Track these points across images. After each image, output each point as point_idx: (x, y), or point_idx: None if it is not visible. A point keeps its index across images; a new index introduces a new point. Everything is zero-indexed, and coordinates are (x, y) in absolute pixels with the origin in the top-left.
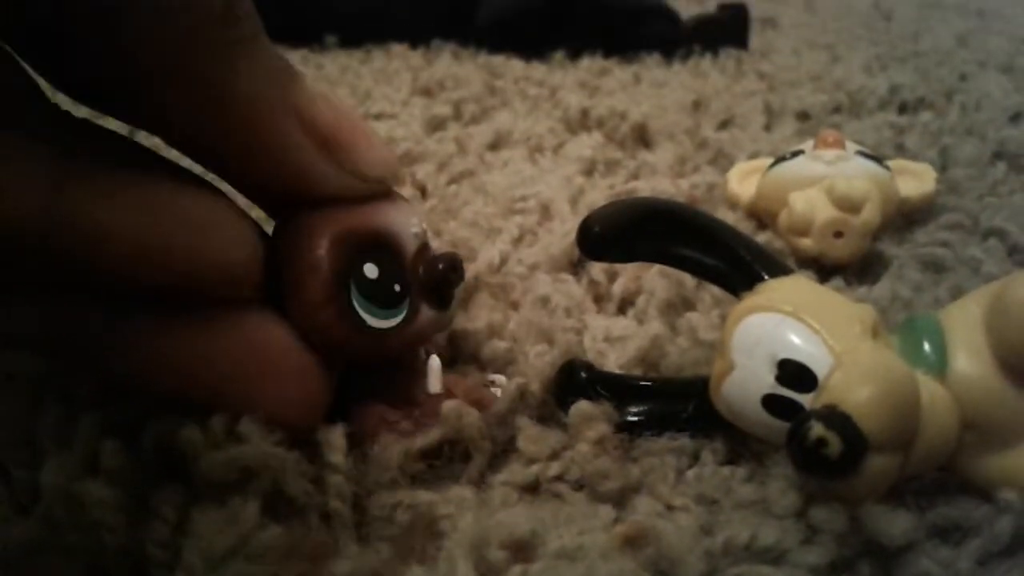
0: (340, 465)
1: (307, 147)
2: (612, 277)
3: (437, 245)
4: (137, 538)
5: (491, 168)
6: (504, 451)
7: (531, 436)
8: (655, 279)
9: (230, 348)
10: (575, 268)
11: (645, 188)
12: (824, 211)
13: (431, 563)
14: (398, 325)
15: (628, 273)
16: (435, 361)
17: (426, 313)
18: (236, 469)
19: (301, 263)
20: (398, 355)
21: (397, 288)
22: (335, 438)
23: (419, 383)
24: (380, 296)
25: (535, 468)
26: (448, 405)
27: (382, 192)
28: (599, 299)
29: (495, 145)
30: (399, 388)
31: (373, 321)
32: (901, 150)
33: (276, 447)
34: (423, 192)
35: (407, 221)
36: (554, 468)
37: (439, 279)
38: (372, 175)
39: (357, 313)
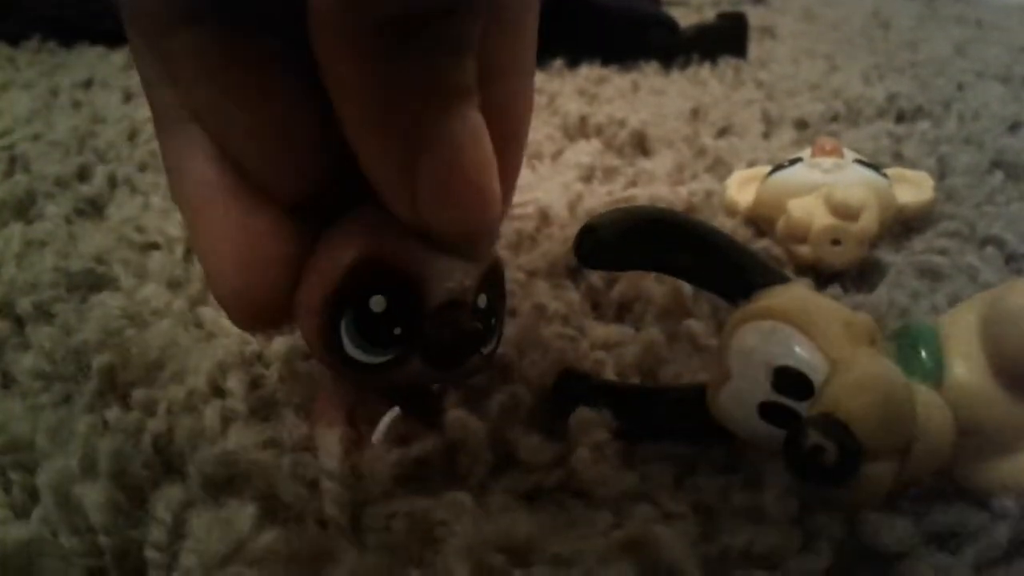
0: (335, 472)
1: (398, 175)
2: (610, 284)
3: None
4: (135, 541)
5: None
6: (504, 461)
7: (531, 445)
8: (653, 286)
9: (229, 225)
10: (573, 274)
11: (643, 195)
12: (822, 218)
13: (429, 568)
14: (379, 364)
15: (626, 280)
16: (392, 413)
17: (414, 366)
18: (228, 465)
19: (320, 262)
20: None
21: (397, 331)
22: (331, 444)
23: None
24: (371, 332)
25: (535, 477)
26: (452, 415)
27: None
28: (597, 306)
29: None
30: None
31: (351, 351)
32: (899, 158)
33: (269, 451)
34: None
35: (447, 274)
36: (555, 476)
37: (437, 345)
38: (438, 234)
39: (339, 336)
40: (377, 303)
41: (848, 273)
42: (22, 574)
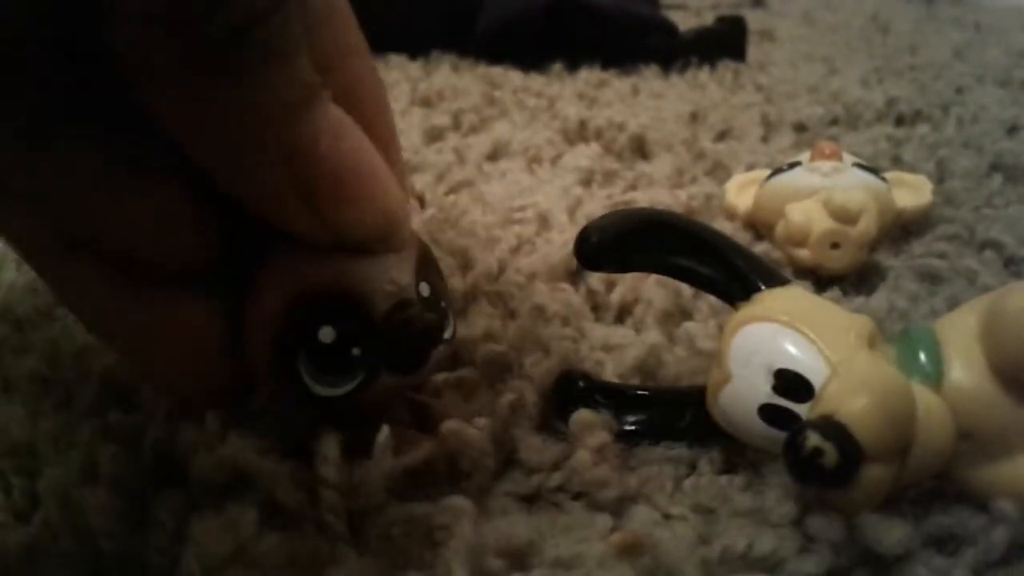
0: (333, 479)
1: (285, 193)
2: (610, 287)
3: (436, 255)
4: (136, 545)
5: (489, 178)
6: (504, 462)
7: (532, 447)
8: (653, 289)
9: (147, 317)
10: (573, 278)
11: (643, 199)
12: (821, 222)
13: (428, 571)
14: (350, 391)
15: (626, 283)
16: (383, 434)
17: (387, 380)
18: (228, 471)
19: (255, 314)
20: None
21: (356, 352)
22: (329, 450)
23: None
24: (332, 363)
25: (536, 479)
26: (448, 425)
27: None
28: (597, 308)
29: (493, 155)
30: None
31: (320, 389)
32: (898, 162)
33: (269, 456)
34: (421, 202)
35: (382, 278)
36: (555, 478)
37: (403, 350)
38: (353, 235)
39: (302, 381)
40: (326, 334)
41: (847, 277)
42: None
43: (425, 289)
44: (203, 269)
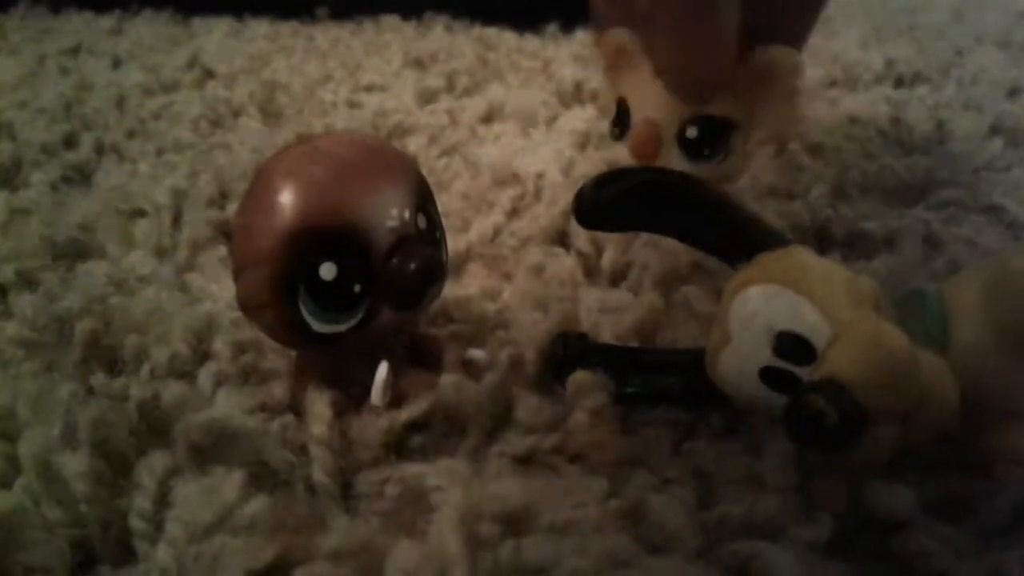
0: (324, 437)
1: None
2: (605, 249)
3: None
4: (119, 510)
5: (483, 141)
6: (500, 422)
7: (529, 407)
8: (650, 251)
9: None
10: (568, 241)
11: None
12: None
13: (421, 537)
14: (354, 327)
15: (622, 245)
16: (382, 370)
17: (387, 315)
18: (214, 433)
19: (254, 249)
20: (349, 355)
21: (357, 288)
22: (320, 408)
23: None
24: (333, 300)
25: (531, 439)
26: (445, 379)
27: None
28: (593, 272)
29: (487, 118)
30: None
31: (319, 326)
32: (897, 124)
33: (257, 415)
34: None
35: (384, 214)
36: (551, 440)
37: (405, 286)
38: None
39: (301, 316)
40: (327, 271)
41: (846, 240)
42: (5, 545)
43: (422, 221)
44: None
